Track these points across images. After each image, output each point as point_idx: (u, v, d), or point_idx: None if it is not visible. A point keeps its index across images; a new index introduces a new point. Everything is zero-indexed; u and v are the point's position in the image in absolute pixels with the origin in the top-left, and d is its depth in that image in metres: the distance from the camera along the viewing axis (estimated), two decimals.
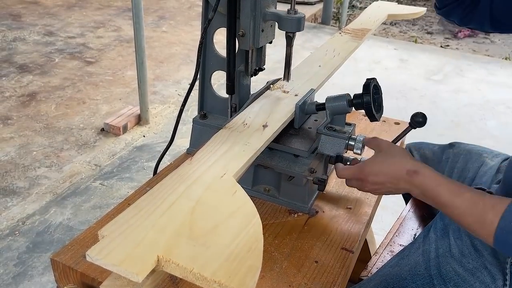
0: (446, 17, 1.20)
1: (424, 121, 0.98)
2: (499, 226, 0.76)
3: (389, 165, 0.89)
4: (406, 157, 0.90)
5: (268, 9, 1.03)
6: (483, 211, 0.78)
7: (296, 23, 1.02)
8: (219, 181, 0.77)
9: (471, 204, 0.79)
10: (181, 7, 5.57)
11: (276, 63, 3.61)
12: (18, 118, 2.90)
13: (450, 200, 0.81)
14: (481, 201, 0.79)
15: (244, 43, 1.03)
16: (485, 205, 0.78)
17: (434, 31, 5.61)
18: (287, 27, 1.02)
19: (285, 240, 0.96)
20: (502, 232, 0.76)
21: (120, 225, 0.65)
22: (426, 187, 0.84)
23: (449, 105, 3.52)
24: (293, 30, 1.03)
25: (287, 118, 1.02)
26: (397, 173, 0.88)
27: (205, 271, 0.57)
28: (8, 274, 1.81)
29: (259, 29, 1.02)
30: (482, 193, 0.82)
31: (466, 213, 0.80)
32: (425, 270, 0.98)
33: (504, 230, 0.76)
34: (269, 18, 1.03)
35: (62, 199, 2.23)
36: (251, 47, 1.04)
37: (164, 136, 2.82)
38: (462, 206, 0.80)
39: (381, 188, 0.92)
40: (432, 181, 0.84)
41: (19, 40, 4.15)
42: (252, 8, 0.99)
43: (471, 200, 0.79)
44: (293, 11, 1.02)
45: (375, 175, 0.91)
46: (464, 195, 0.80)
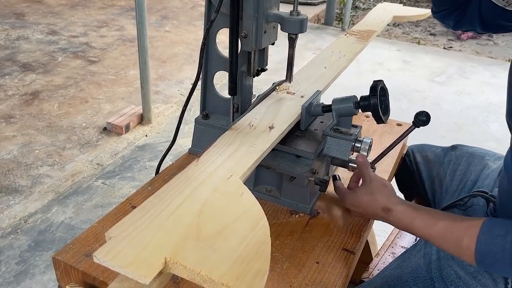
0: (442, 20, 1.22)
1: (427, 119, 0.98)
2: (477, 249, 0.78)
3: (367, 201, 0.96)
4: (384, 193, 0.94)
5: (271, 10, 1.03)
6: (458, 237, 0.81)
7: (299, 25, 1.02)
8: (226, 182, 0.77)
9: (446, 233, 0.83)
10: (184, 7, 5.58)
11: (278, 63, 3.61)
12: (21, 117, 2.91)
13: (426, 233, 0.86)
14: (454, 228, 0.82)
15: (247, 44, 1.03)
16: (459, 231, 0.81)
17: (437, 33, 5.60)
18: (290, 29, 1.02)
19: (286, 241, 0.96)
20: (481, 255, 0.78)
21: (127, 227, 0.65)
22: (401, 223, 0.90)
23: (452, 107, 3.51)
24: (296, 32, 1.03)
25: (293, 119, 1.02)
26: (374, 209, 0.95)
27: (213, 274, 0.57)
28: (10, 273, 1.81)
29: (261, 31, 1.02)
30: (455, 218, 0.85)
31: (444, 242, 0.84)
32: (427, 272, 0.97)
33: (482, 253, 0.78)
34: (272, 19, 1.03)
35: (64, 198, 2.24)
36: (254, 48, 1.04)
37: (166, 136, 2.83)
38: (438, 236, 0.84)
39: (363, 216, 1.02)
40: (406, 217, 0.89)
41: (22, 39, 4.16)
42: (255, 10, 0.99)
43: (445, 229, 0.83)
44: (295, 13, 1.02)
45: (355, 206, 0.99)
46: (437, 225, 0.84)
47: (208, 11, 1.09)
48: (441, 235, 0.83)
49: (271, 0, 1.02)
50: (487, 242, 0.78)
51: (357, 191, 0.98)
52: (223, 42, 1.10)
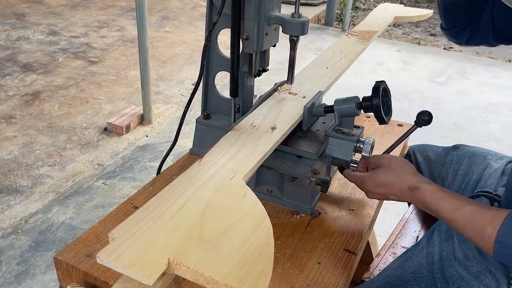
0: (454, 37, 1.21)
1: (430, 119, 0.98)
2: (497, 240, 0.78)
3: (392, 180, 0.92)
4: (408, 171, 0.92)
5: (272, 12, 1.03)
6: (482, 225, 0.80)
7: (300, 27, 1.02)
8: (229, 183, 0.77)
9: (471, 218, 0.82)
10: (185, 7, 5.58)
11: (279, 64, 3.61)
12: (21, 117, 2.91)
13: (450, 215, 0.84)
14: (480, 215, 0.81)
15: (248, 46, 1.03)
16: (484, 218, 0.80)
17: (438, 33, 5.60)
18: (291, 31, 1.03)
19: (288, 241, 0.96)
20: (500, 246, 0.78)
21: (130, 227, 0.65)
22: (427, 202, 0.87)
23: (452, 107, 3.51)
24: (297, 34, 1.04)
25: (295, 120, 1.02)
26: (399, 187, 0.91)
27: (216, 275, 0.57)
28: (10, 273, 1.81)
29: (263, 33, 1.02)
30: (482, 206, 0.83)
31: (466, 227, 0.82)
32: (429, 272, 0.97)
33: (501, 244, 0.77)
34: (273, 21, 1.03)
35: (65, 198, 2.24)
36: (255, 51, 1.04)
37: (167, 136, 2.83)
38: (462, 220, 0.82)
39: (384, 197, 0.96)
40: (433, 197, 0.86)
41: (23, 39, 4.16)
42: (257, 12, 0.99)
43: (471, 214, 0.82)
44: (297, 15, 1.02)
45: (378, 187, 0.94)
46: (464, 209, 0.83)
47: (209, 12, 1.09)
48: (466, 219, 0.82)
49: (272, 2, 1.02)
50: (509, 233, 0.77)
51: (379, 172, 0.94)
52: (225, 43, 1.10)
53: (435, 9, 1.62)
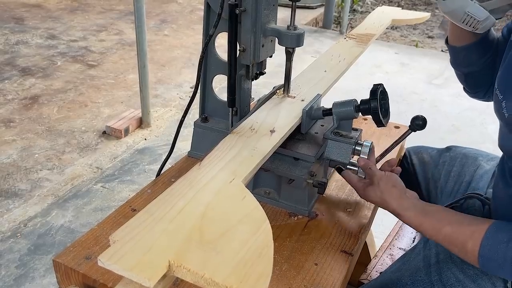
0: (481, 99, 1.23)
1: (424, 124, 0.99)
2: (480, 254, 0.80)
3: (378, 202, 0.97)
4: (393, 196, 0.95)
5: (269, 25, 1.05)
6: (463, 241, 0.83)
7: (296, 39, 1.04)
8: (228, 186, 0.77)
9: (452, 237, 0.85)
10: (183, 11, 5.60)
11: (277, 66, 3.62)
12: (20, 121, 2.92)
13: (434, 237, 0.89)
14: (460, 232, 0.85)
15: (245, 58, 1.05)
16: (464, 235, 0.84)
17: (435, 36, 5.62)
18: (287, 43, 1.04)
19: (285, 243, 0.97)
20: (484, 260, 0.80)
21: (131, 230, 0.66)
22: (411, 226, 0.94)
23: (450, 109, 3.52)
24: (293, 46, 1.06)
25: (294, 123, 1.02)
26: (385, 209, 0.97)
27: (217, 277, 0.58)
28: (9, 276, 1.82)
29: (259, 45, 1.04)
30: (461, 223, 0.86)
31: (449, 246, 0.87)
32: (426, 275, 0.98)
33: (485, 258, 0.80)
34: (269, 34, 1.05)
35: (64, 202, 2.24)
36: (252, 62, 1.06)
37: (166, 139, 2.83)
38: (444, 240, 0.87)
39: None
40: (414, 222, 0.92)
41: (21, 43, 4.17)
42: (253, 24, 1.01)
43: (451, 233, 0.86)
44: (292, 27, 1.04)
45: (368, 199, 1.01)
46: (444, 229, 0.87)
47: (207, 16, 1.10)
48: (447, 239, 0.86)
49: (268, 15, 1.04)
50: (490, 248, 0.79)
51: (367, 191, 0.98)
52: (222, 46, 1.11)
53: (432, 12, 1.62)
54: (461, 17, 0.91)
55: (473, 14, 0.90)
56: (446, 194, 1.23)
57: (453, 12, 0.92)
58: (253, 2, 0.98)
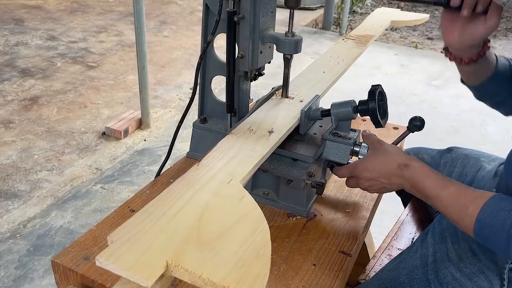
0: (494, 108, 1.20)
1: (422, 124, 0.99)
2: (478, 219, 0.79)
3: (381, 161, 0.94)
4: (398, 152, 0.93)
5: (267, 31, 1.05)
6: (465, 204, 0.81)
7: (294, 46, 1.04)
8: (226, 186, 0.78)
9: (455, 197, 0.83)
10: (183, 12, 5.60)
11: (276, 67, 3.62)
12: (20, 122, 2.92)
13: (435, 192, 0.86)
14: (464, 194, 0.83)
15: (244, 64, 1.06)
16: (467, 198, 0.82)
17: (435, 37, 5.63)
18: (285, 50, 1.05)
19: (284, 243, 0.97)
20: (480, 225, 0.79)
21: (129, 230, 0.66)
22: (415, 179, 0.89)
23: (449, 110, 3.53)
24: (291, 52, 1.06)
25: (292, 124, 1.03)
26: (389, 167, 0.92)
27: (214, 277, 0.58)
28: (8, 277, 1.82)
29: (257, 51, 1.05)
30: (467, 187, 0.85)
31: (449, 206, 0.84)
32: (423, 274, 0.98)
33: (481, 223, 0.79)
34: (268, 40, 1.06)
35: (63, 203, 2.24)
36: (250, 69, 1.07)
37: (165, 140, 2.84)
38: (446, 198, 0.84)
39: (375, 184, 0.96)
40: (421, 174, 0.88)
41: (21, 45, 4.17)
42: (251, 31, 1.02)
43: (455, 193, 0.83)
44: (290, 34, 1.05)
45: (368, 171, 0.96)
46: (449, 188, 0.84)
47: (205, 17, 1.11)
48: (449, 198, 0.84)
49: (266, 22, 1.05)
50: (490, 213, 0.78)
51: (369, 155, 0.96)
52: (221, 47, 1.11)
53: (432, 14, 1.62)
54: None
55: None
56: None
57: None
58: (251, 9, 0.99)
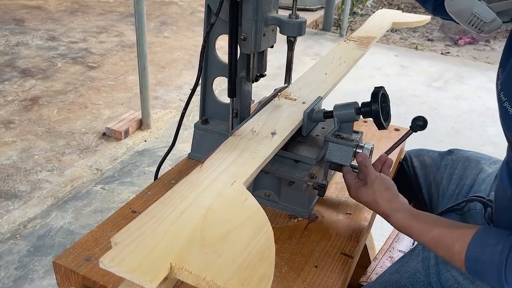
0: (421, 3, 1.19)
1: (425, 124, 0.99)
2: (467, 256, 0.80)
3: (369, 203, 0.97)
4: (384, 198, 0.95)
5: (270, 13, 1.04)
6: (450, 243, 0.83)
7: (298, 28, 1.03)
8: (229, 188, 0.77)
9: (439, 240, 0.85)
10: (183, 12, 5.60)
11: (277, 69, 3.63)
12: (20, 122, 2.92)
13: (421, 240, 0.89)
14: (448, 234, 0.85)
15: (246, 47, 1.04)
16: (452, 237, 0.84)
17: (435, 38, 5.63)
18: (289, 32, 1.03)
19: (285, 245, 0.97)
20: (471, 262, 0.80)
21: (132, 232, 0.66)
22: (400, 228, 0.93)
23: (449, 112, 3.53)
24: (295, 35, 1.05)
25: (295, 125, 1.02)
26: (375, 211, 0.98)
27: (218, 279, 0.58)
28: (9, 278, 1.81)
29: (260, 33, 1.03)
30: (451, 226, 0.87)
31: (436, 249, 0.86)
32: (425, 277, 0.98)
33: (472, 260, 0.80)
34: (271, 22, 1.04)
35: (63, 203, 2.24)
36: (253, 51, 1.05)
37: (166, 141, 2.83)
38: (431, 243, 0.87)
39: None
40: (403, 224, 0.92)
41: (22, 45, 4.17)
42: (254, 13, 1.00)
43: (439, 235, 0.85)
44: (294, 16, 1.03)
45: (362, 202, 1.00)
46: (432, 232, 0.86)
47: (207, 17, 1.10)
48: (435, 241, 0.86)
49: (270, 4, 1.03)
50: (477, 250, 0.79)
51: (360, 191, 0.98)
52: (222, 48, 1.11)
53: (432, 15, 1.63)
54: (467, 18, 0.90)
55: (480, 15, 0.89)
56: (448, 197, 1.23)
57: (459, 12, 0.91)
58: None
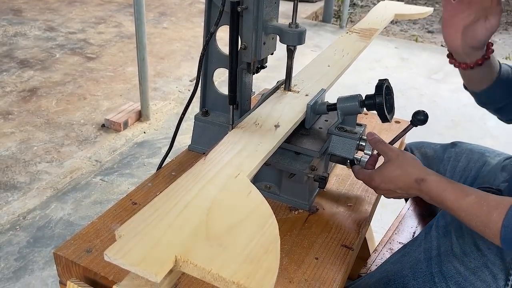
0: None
1: (425, 119, 0.99)
2: (503, 225, 0.77)
3: (399, 175, 0.93)
4: (415, 165, 0.92)
5: (270, 22, 1.04)
6: (487, 211, 0.80)
7: (298, 37, 1.03)
8: (234, 181, 0.77)
9: (476, 206, 0.82)
10: (182, 3, 5.57)
11: (277, 60, 3.61)
12: (19, 113, 2.91)
13: (456, 204, 0.85)
14: (485, 202, 0.81)
15: (246, 55, 1.05)
16: (489, 205, 0.80)
17: (435, 30, 5.61)
18: (289, 41, 1.04)
19: (286, 237, 0.97)
20: (506, 231, 0.77)
21: (136, 225, 0.65)
22: (433, 193, 0.88)
23: (449, 104, 3.53)
24: (295, 44, 1.05)
25: (298, 118, 1.02)
26: (406, 181, 0.92)
27: (224, 272, 0.58)
28: (9, 269, 1.82)
29: (260, 42, 1.04)
30: (487, 194, 0.84)
31: (471, 215, 0.82)
32: (427, 267, 0.98)
33: (508, 229, 0.77)
34: (271, 31, 1.05)
35: (63, 195, 2.24)
36: (253, 60, 1.06)
37: (165, 133, 2.83)
38: (467, 208, 0.83)
39: (392, 193, 0.96)
40: (439, 187, 0.87)
41: (20, 35, 4.15)
42: (254, 22, 1.01)
43: (475, 202, 0.82)
44: (294, 25, 1.03)
45: (385, 183, 0.95)
46: (469, 197, 0.83)
47: (208, 11, 1.10)
48: (470, 208, 0.82)
49: (270, 13, 1.04)
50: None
51: (386, 167, 0.95)
52: (222, 39, 1.10)
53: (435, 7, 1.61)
54: None
55: None
56: None
57: None
58: (255, 0, 0.98)
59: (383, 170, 0.95)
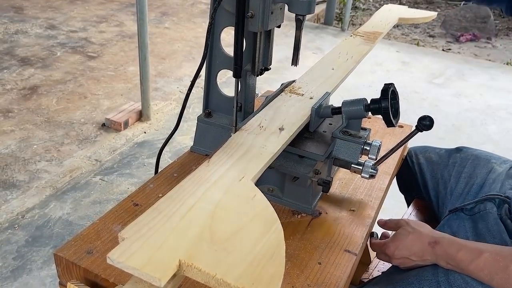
0: None
1: (431, 124, 0.98)
2: None
3: (411, 240, 0.95)
4: (425, 229, 0.95)
5: None
6: (505, 267, 0.81)
7: (307, 6, 0.99)
8: (238, 184, 0.76)
9: (492, 262, 0.83)
10: (184, 3, 5.56)
11: (278, 62, 3.60)
12: (19, 111, 2.90)
13: (473, 265, 0.87)
14: (500, 257, 0.83)
15: (253, 24, 1.01)
16: (505, 260, 0.82)
17: (436, 35, 5.61)
18: (298, 10, 1.00)
19: (288, 241, 0.96)
20: None
21: (140, 228, 0.64)
22: (448, 255, 0.90)
23: (450, 109, 3.52)
24: (303, 13, 1.01)
25: (302, 121, 1.01)
26: (420, 246, 0.94)
27: (228, 277, 0.57)
28: (7, 268, 1.81)
29: (268, 11, 1.00)
30: (501, 247, 0.85)
31: (491, 274, 0.84)
32: (433, 275, 0.97)
33: None
34: (279, 0, 1.02)
35: (62, 194, 2.23)
36: (260, 30, 1.02)
37: (165, 133, 2.82)
38: (484, 265, 0.85)
39: (407, 262, 0.99)
40: (452, 248, 0.89)
41: (21, 33, 4.13)
42: None
43: (491, 258, 0.84)
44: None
45: (399, 250, 0.98)
46: (484, 254, 0.85)
47: (213, 12, 1.08)
48: (488, 265, 0.84)
49: None
50: None
51: (397, 235, 0.98)
52: (225, 40, 1.09)
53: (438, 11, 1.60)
54: None
55: None
56: (456, 195, 1.22)
57: None
58: None
59: (397, 236, 0.98)
